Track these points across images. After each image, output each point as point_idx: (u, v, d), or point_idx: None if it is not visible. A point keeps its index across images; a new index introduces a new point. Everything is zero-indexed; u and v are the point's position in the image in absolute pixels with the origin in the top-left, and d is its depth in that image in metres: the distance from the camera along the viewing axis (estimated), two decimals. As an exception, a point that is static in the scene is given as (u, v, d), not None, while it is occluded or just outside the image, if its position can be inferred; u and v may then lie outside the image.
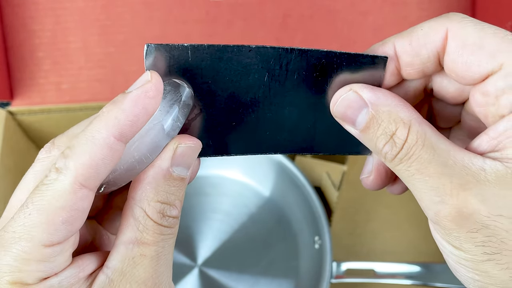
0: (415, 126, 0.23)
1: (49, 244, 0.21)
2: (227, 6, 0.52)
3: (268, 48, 0.25)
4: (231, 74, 0.25)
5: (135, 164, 0.24)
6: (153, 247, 0.23)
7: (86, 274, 0.23)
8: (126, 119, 0.22)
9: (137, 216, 0.23)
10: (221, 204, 0.56)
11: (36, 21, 0.50)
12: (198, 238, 0.54)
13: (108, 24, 0.51)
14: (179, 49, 0.24)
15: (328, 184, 0.55)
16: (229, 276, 0.53)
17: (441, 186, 0.22)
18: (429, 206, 0.23)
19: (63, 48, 0.51)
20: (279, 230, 0.56)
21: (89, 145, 0.22)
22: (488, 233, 0.22)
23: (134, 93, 0.22)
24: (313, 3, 0.52)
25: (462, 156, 0.23)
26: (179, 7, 0.52)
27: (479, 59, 0.23)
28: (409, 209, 0.59)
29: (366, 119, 0.24)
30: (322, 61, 0.26)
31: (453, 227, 0.22)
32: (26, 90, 0.50)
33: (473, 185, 0.22)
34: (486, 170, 0.22)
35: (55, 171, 0.22)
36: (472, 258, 0.22)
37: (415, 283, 0.47)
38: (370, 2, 0.53)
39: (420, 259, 0.57)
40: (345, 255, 0.58)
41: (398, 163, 0.24)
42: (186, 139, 0.25)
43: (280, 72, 0.26)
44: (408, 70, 0.26)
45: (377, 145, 0.24)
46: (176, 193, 0.24)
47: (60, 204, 0.21)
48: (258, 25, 0.52)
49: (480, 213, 0.22)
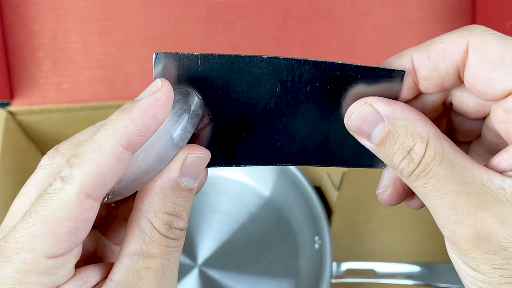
0: (433, 141, 0.23)
1: (52, 256, 0.21)
2: (227, 6, 0.52)
3: (281, 59, 0.24)
4: (242, 84, 0.25)
5: (142, 174, 0.23)
6: (158, 260, 0.22)
7: (88, 287, 0.22)
8: (135, 128, 0.21)
9: (143, 228, 0.23)
10: (221, 204, 0.56)
11: (36, 21, 0.50)
12: (198, 238, 0.54)
13: (108, 24, 0.51)
14: (189, 58, 0.24)
15: (328, 184, 0.55)
16: (229, 276, 0.53)
17: (459, 205, 0.22)
18: (446, 225, 0.22)
19: (63, 48, 0.51)
20: (279, 230, 0.56)
21: (96, 154, 0.21)
22: (506, 256, 0.21)
23: (144, 101, 0.22)
24: (313, 3, 0.52)
25: (481, 174, 0.22)
26: (179, 7, 0.52)
27: (501, 75, 0.22)
28: (409, 210, 0.59)
29: (382, 134, 0.24)
30: (336, 74, 0.25)
31: (470, 248, 0.22)
32: (26, 90, 0.50)
33: (492, 205, 0.21)
34: (506, 190, 0.22)
35: (60, 180, 0.21)
36: (489, 281, 0.22)
37: (415, 283, 0.47)
38: (370, 2, 0.53)
39: (420, 259, 0.57)
40: (345, 255, 0.58)
41: (415, 179, 0.23)
42: (196, 149, 0.24)
43: (293, 83, 0.25)
44: (426, 84, 0.25)
45: (393, 160, 0.23)
46: (184, 205, 0.23)
47: (64, 215, 0.20)
48: (258, 25, 0.52)
49: (498, 234, 0.21)
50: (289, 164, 0.27)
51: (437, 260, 0.57)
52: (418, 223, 0.59)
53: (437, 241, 0.58)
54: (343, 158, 0.27)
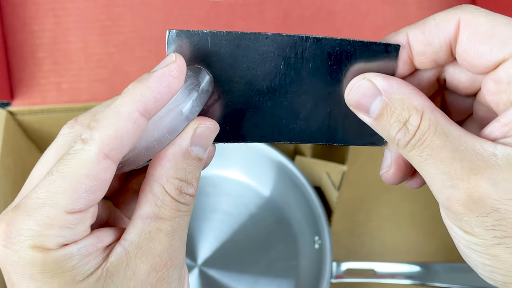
0: (428, 113, 0.24)
1: (71, 211, 0.22)
2: (227, 6, 0.52)
3: (284, 36, 0.26)
4: (248, 61, 0.26)
5: (154, 143, 0.24)
6: (169, 222, 0.24)
7: (104, 245, 0.23)
8: (151, 95, 0.23)
9: (156, 192, 0.24)
10: (221, 204, 0.56)
11: (36, 21, 0.50)
12: (198, 238, 0.54)
13: (108, 24, 0.51)
14: (199, 35, 0.25)
15: (328, 184, 0.55)
16: (229, 276, 0.53)
17: (452, 171, 0.23)
18: (441, 191, 0.23)
19: (63, 49, 0.51)
20: (279, 230, 0.56)
21: (115, 118, 0.22)
22: (498, 217, 0.22)
23: (160, 71, 0.23)
24: (313, 3, 0.52)
25: (473, 142, 0.23)
26: (179, 7, 0.52)
27: (491, 47, 0.24)
28: (409, 209, 0.59)
29: (379, 107, 0.25)
30: (336, 49, 0.26)
31: (464, 211, 0.23)
32: (26, 90, 0.50)
33: (484, 170, 0.22)
34: (497, 155, 0.23)
35: (81, 142, 0.22)
36: (483, 243, 0.23)
37: (415, 283, 0.47)
38: (370, 2, 0.53)
39: (420, 259, 0.57)
40: (345, 255, 0.58)
41: (411, 149, 0.24)
42: (206, 120, 0.25)
43: (296, 60, 0.26)
44: (420, 59, 0.27)
45: (390, 132, 0.25)
46: (194, 172, 0.25)
47: (84, 173, 0.22)
48: (258, 25, 0.52)
49: (490, 197, 0.22)
50: (294, 141, 0.28)
51: (437, 260, 0.57)
52: (418, 223, 0.59)
53: (437, 241, 0.58)
54: (345, 136, 0.28)
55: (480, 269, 0.24)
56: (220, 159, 0.57)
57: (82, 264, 0.22)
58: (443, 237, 0.58)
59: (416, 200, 0.59)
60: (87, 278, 0.22)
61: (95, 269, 0.23)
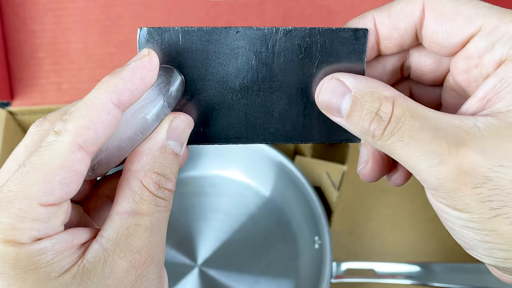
0: (399, 100, 0.24)
1: (44, 204, 0.21)
2: (227, 6, 0.52)
3: (254, 29, 0.25)
4: (220, 57, 0.26)
5: (127, 142, 0.24)
6: (148, 217, 0.23)
7: (79, 242, 0.23)
8: (125, 86, 0.23)
9: (133, 187, 0.24)
10: (221, 204, 0.56)
11: (36, 21, 0.50)
12: (198, 238, 0.54)
13: (108, 24, 0.51)
14: (170, 32, 0.25)
15: (328, 184, 0.55)
16: (229, 276, 0.53)
17: (438, 148, 0.22)
18: (428, 172, 0.23)
19: (63, 49, 0.51)
20: (279, 230, 0.56)
21: (88, 109, 0.22)
22: (492, 186, 0.22)
23: (133, 64, 0.23)
24: (313, 3, 0.52)
25: (452, 119, 0.23)
26: (179, 7, 0.52)
27: (458, 24, 0.24)
28: (409, 209, 0.59)
29: (349, 103, 0.24)
30: (306, 40, 0.26)
31: (457, 187, 0.22)
32: (26, 90, 0.50)
33: (470, 141, 0.22)
34: (480, 127, 0.22)
35: (54, 134, 0.22)
36: (479, 218, 0.22)
37: (415, 283, 0.47)
38: (370, 3, 0.53)
39: (420, 259, 0.57)
40: (345, 255, 0.58)
41: (389, 136, 0.23)
42: (180, 114, 0.26)
43: (267, 54, 0.26)
44: (386, 43, 0.27)
45: (363, 126, 0.24)
46: (171, 167, 0.25)
47: (58, 163, 0.21)
48: (258, 25, 0.52)
49: (482, 165, 0.22)
50: (269, 142, 0.28)
51: (436, 260, 0.57)
52: (418, 223, 0.59)
53: (437, 241, 0.58)
54: (320, 134, 0.28)
55: (480, 249, 0.23)
56: (220, 159, 0.57)
57: (57, 260, 0.21)
58: (443, 237, 0.58)
59: (416, 200, 0.59)
60: (62, 275, 0.21)
61: (71, 266, 0.22)
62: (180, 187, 0.57)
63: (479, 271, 0.46)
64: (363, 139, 0.25)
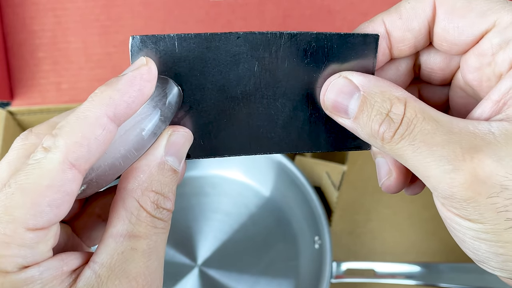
0: (411, 101, 0.22)
1: (32, 228, 0.19)
2: (227, 6, 0.52)
3: (257, 34, 0.24)
4: (220, 65, 0.24)
5: (120, 160, 0.23)
6: (145, 240, 0.21)
7: (70, 268, 0.21)
8: (121, 99, 0.21)
9: (129, 207, 0.22)
10: (221, 204, 0.56)
11: (36, 21, 0.50)
12: (198, 238, 0.54)
13: (108, 24, 0.51)
14: (165, 40, 0.23)
15: (328, 184, 0.55)
16: (229, 276, 0.53)
17: (452, 153, 0.21)
18: (441, 179, 0.21)
19: (63, 48, 0.51)
20: (279, 230, 0.56)
21: (81, 124, 0.20)
22: (509, 195, 0.20)
23: (130, 74, 0.21)
24: (313, 3, 0.52)
25: (465, 124, 0.22)
26: (179, 7, 0.52)
27: (471, 21, 0.23)
28: (409, 209, 0.59)
29: (358, 103, 0.23)
30: (312, 45, 0.24)
31: (471, 196, 0.21)
32: (26, 90, 0.50)
33: (485, 147, 0.21)
34: (495, 133, 0.21)
35: (43, 150, 0.20)
36: (494, 229, 0.21)
37: (415, 283, 0.47)
38: (370, 2, 0.53)
39: (420, 259, 0.57)
40: (345, 255, 0.58)
41: (399, 140, 0.22)
42: (179, 127, 0.24)
43: (270, 60, 0.24)
44: (400, 46, 0.25)
45: (372, 128, 0.23)
46: (170, 185, 0.23)
47: (47, 183, 0.19)
48: (258, 25, 0.52)
49: (498, 173, 0.20)
50: (274, 152, 0.26)
51: (437, 260, 0.57)
52: (418, 223, 0.59)
53: (437, 241, 0.58)
54: (328, 141, 0.26)
55: (492, 261, 0.22)
56: (220, 159, 0.57)
57: None
58: (443, 237, 0.58)
59: (416, 200, 0.59)
60: None
61: None
62: (180, 187, 0.57)
63: (479, 271, 0.46)
64: (370, 143, 0.24)
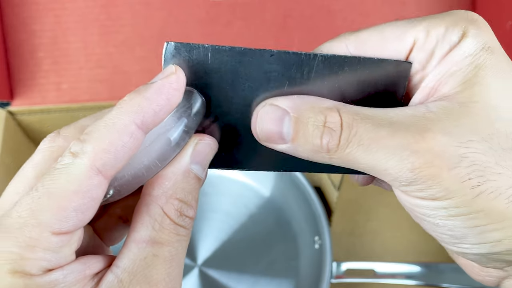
0: (343, 108, 0.23)
1: (57, 232, 0.20)
2: (227, 6, 0.52)
3: (291, 54, 0.24)
4: (250, 80, 0.24)
5: (143, 171, 0.23)
6: (167, 247, 0.22)
7: (92, 272, 0.21)
8: (149, 107, 0.21)
9: (153, 214, 0.22)
10: (221, 204, 0.56)
11: (36, 21, 0.50)
12: (198, 238, 0.54)
13: (108, 24, 0.51)
14: (199, 49, 0.23)
15: (328, 184, 0.55)
16: (229, 276, 0.53)
17: (403, 140, 0.21)
18: (400, 167, 0.21)
19: (63, 48, 0.51)
20: (279, 230, 0.56)
21: (109, 131, 0.21)
22: (469, 163, 0.21)
23: (159, 82, 0.22)
24: (313, 3, 0.52)
25: (403, 111, 0.22)
26: (179, 7, 0.52)
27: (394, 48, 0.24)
28: (409, 209, 0.59)
29: (292, 126, 0.23)
30: (345, 69, 0.24)
31: (434, 172, 0.21)
32: (26, 90, 0.50)
33: (431, 125, 0.21)
34: (434, 111, 0.22)
35: (71, 155, 0.20)
36: (462, 201, 0.21)
37: (415, 283, 0.47)
38: (370, 3, 0.53)
39: (420, 259, 0.57)
40: (345, 255, 0.58)
41: (346, 145, 0.22)
42: (205, 136, 0.24)
43: (301, 81, 0.24)
44: None
45: (314, 142, 0.22)
46: (193, 193, 0.23)
47: (74, 189, 0.20)
48: (258, 25, 0.52)
49: (452, 144, 0.21)
50: (296, 171, 0.26)
51: (437, 260, 0.57)
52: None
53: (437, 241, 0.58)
54: None
55: (469, 237, 0.22)
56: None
57: None
58: (443, 237, 0.58)
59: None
60: None
61: None
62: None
63: (479, 271, 0.46)
64: (315, 159, 0.23)
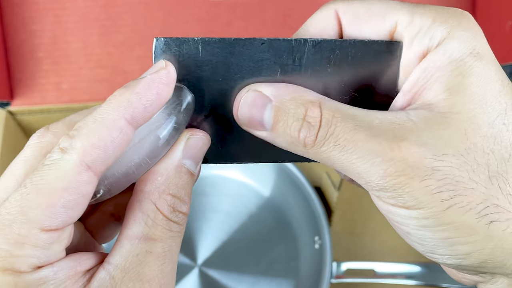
0: (326, 103, 0.22)
1: (46, 229, 0.19)
2: (227, 6, 0.52)
3: (281, 41, 0.23)
4: (242, 70, 0.24)
5: (133, 168, 0.23)
6: (160, 243, 0.22)
7: (83, 269, 0.21)
8: (139, 102, 0.21)
9: (146, 210, 0.22)
10: (221, 204, 0.56)
11: (36, 21, 0.50)
12: (198, 238, 0.54)
13: (108, 24, 0.51)
14: (189, 43, 0.23)
15: (328, 184, 0.55)
16: (229, 276, 0.53)
17: (378, 146, 0.21)
18: (371, 172, 0.21)
19: (63, 48, 0.51)
20: (279, 230, 0.56)
21: (98, 126, 0.20)
22: (441, 176, 0.21)
23: (149, 77, 0.22)
24: (313, 3, 0.52)
25: (384, 115, 0.22)
26: (179, 7, 0.52)
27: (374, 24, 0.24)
28: (409, 209, 0.59)
29: (272, 114, 0.23)
30: (336, 53, 0.24)
31: (404, 181, 0.21)
32: (26, 90, 0.50)
33: (408, 135, 0.21)
34: (414, 120, 0.22)
35: (60, 151, 0.20)
36: (432, 212, 0.21)
37: (415, 283, 0.47)
38: (370, 2, 0.53)
39: (420, 259, 0.57)
40: (345, 255, 0.58)
41: (322, 142, 0.22)
42: (196, 131, 0.24)
43: (293, 67, 0.24)
44: None
45: (292, 135, 0.22)
46: (186, 188, 0.23)
47: (63, 185, 0.20)
48: (258, 25, 0.52)
49: (426, 157, 0.21)
50: (293, 161, 0.26)
51: (437, 260, 0.57)
52: (418, 223, 0.59)
53: (437, 241, 0.58)
54: None
55: (440, 248, 0.22)
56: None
57: None
58: (443, 237, 0.58)
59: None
60: None
61: None
62: (180, 187, 0.57)
63: (479, 271, 0.46)
64: (292, 150, 0.23)
